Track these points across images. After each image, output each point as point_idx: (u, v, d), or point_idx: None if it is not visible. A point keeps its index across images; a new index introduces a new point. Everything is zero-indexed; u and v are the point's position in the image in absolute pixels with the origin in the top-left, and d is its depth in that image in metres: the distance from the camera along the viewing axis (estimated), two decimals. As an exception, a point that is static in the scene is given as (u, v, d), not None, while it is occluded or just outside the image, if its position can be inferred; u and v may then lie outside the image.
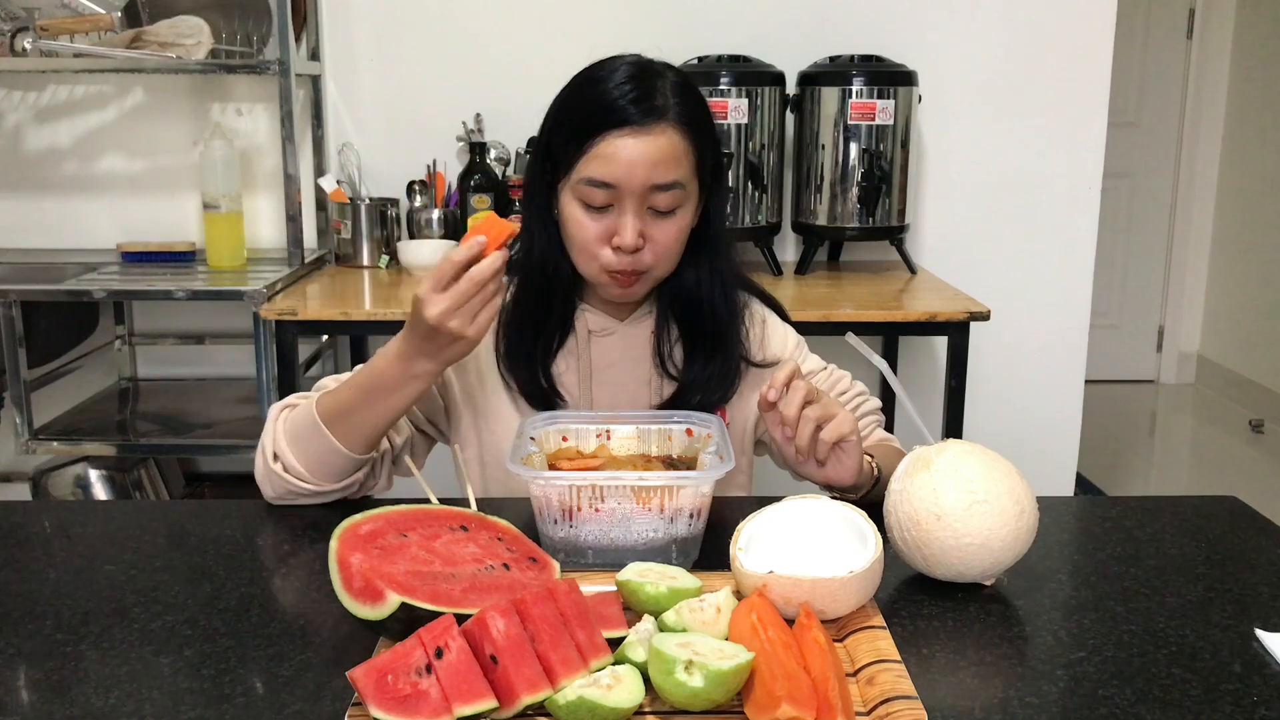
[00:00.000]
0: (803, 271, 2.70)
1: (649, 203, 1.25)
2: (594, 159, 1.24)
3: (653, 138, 1.23)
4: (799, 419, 1.15)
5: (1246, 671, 0.91)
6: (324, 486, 1.24)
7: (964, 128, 2.84)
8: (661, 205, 1.25)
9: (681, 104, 1.26)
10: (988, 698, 0.87)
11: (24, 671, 0.91)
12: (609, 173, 1.23)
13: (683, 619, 0.89)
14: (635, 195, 1.24)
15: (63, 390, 2.73)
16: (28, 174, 2.87)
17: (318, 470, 1.23)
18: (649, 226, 1.26)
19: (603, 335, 1.38)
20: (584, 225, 1.27)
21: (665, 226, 1.27)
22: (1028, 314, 2.90)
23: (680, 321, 1.37)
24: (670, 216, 1.27)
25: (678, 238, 1.29)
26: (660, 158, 1.23)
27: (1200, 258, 4.89)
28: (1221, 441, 4.38)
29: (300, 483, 1.23)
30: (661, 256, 1.28)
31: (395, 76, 2.82)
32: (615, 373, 1.38)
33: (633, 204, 1.24)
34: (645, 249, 1.27)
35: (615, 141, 1.23)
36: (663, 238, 1.27)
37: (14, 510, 1.30)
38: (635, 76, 1.25)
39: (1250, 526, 1.23)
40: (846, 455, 1.19)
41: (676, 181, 1.25)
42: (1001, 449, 1.08)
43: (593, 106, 1.25)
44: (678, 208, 1.27)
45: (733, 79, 2.53)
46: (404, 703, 0.79)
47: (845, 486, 1.21)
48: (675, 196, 1.26)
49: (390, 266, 2.72)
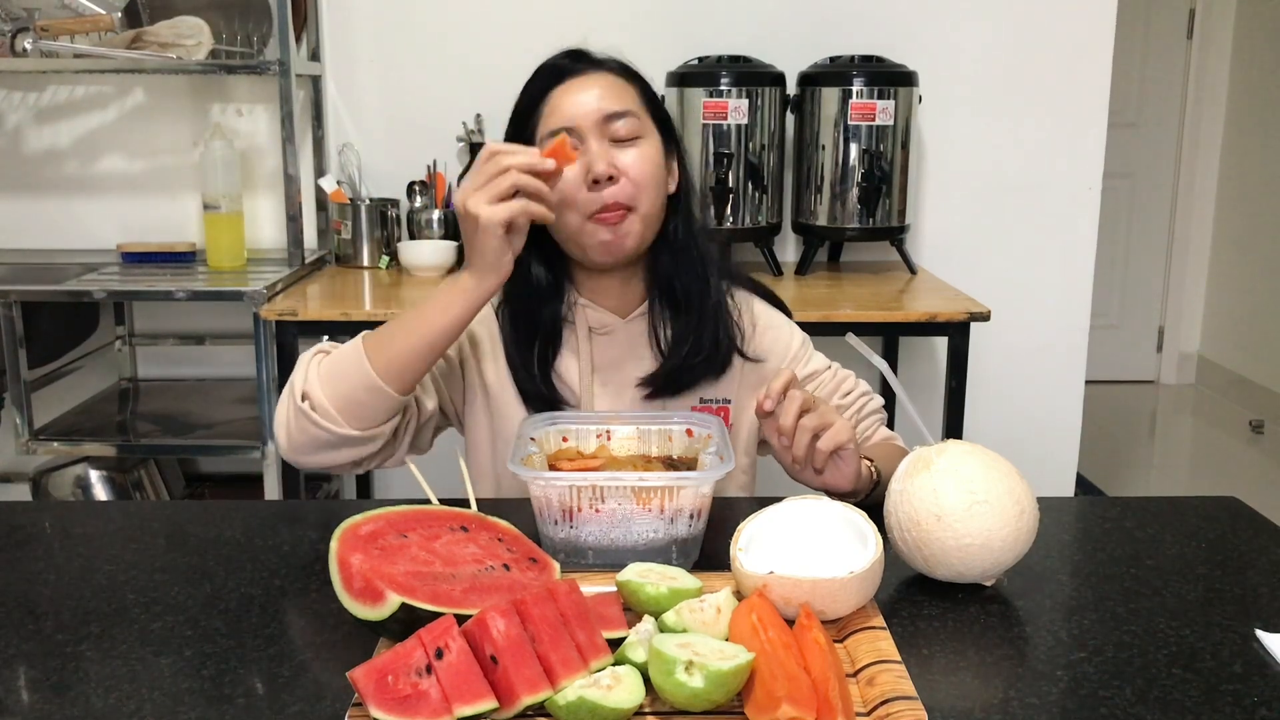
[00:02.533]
0: (803, 272, 2.70)
1: (609, 133, 1.30)
2: (548, 116, 1.32)
3: (593, 77, 1.32)
4: (795, 429, 1.15)
5: (1247, 672, 0.91)
6: (349, 431, 1.20)
7: (964, 128, 2.84)
8: (622, 133, 1.30)
9: (617, 65, 1.35)
10: (988, 698, 0.87)
11: (24, 671, 0.91)
12: (562, 117, 1.30)
13: (683, 619, 0.89)
14: (593, 128, 1.29)
15: (63, 390, 2.73)
16: (28, 174, 2.87)
17: (347, 410, 1.20)
18: (615, 156, 1.29)
19: (602, 333, 1.38)
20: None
21: (631, 154, 1.30)
22: (1028, 314, 2.90)
23: (668, 299, 1.38)
24: (632, 145, 1.31)
25: (648, 165, 1.31)
26: (604, 92, 1.31)
27: (1200, 258, 4.89)
28: (1221, 442, 4.38)
29: (327, 424, 1.19)
30: (638, 185, 1.30)
31: (395, 77, 2.82)
32: (616, 370, 1.38)
33: (593, 136, 1.29)
34: (622, 180, 1.29)
35: (559, 91, 1.32)
36: (632, 164, 1.30)
37: (14, 510, 1.30)
38: (571, 51, 1.37)
39: (1250, 527, 1.23)
40: (844, 463, 1.19)
41: (628, 110, 1.31)
42: (1001, 449, 1.08)
43: (537, 79, 1.35)
44: (638, 137, 1.31)
45: (733, 79, 2.53)
46: (404, 703, 0.79)
47: (843, 493, 1.22)
48: (631, 124, 1.30)
49: (391, 267, 2.72)
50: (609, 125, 1.29)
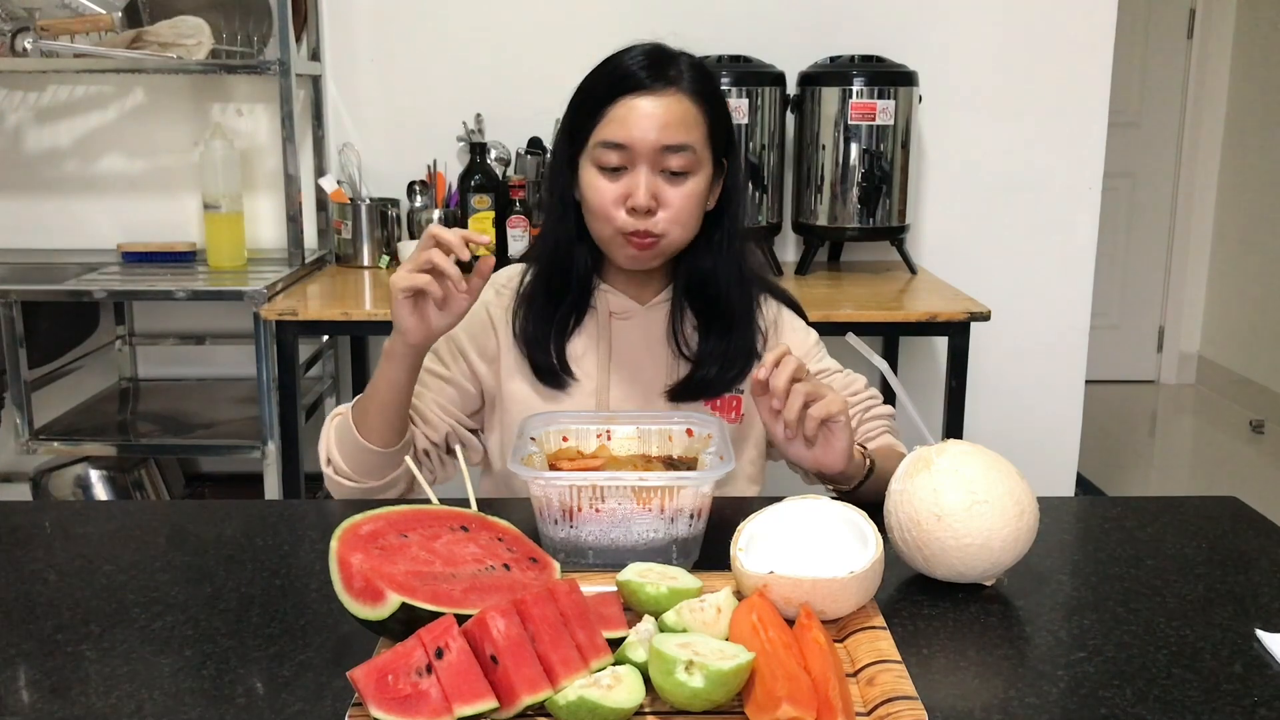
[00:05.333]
0: (803, 272, 2.70)
1: (661, 164, 1.29)
2: (609, 123, 1.29)
3: (664, 100, 1.28)
4: (788, 391, 1.16)
5: (1247, 672, 0.91)
6: (368, 484, 1.31)
7: (964, 128, 2.84)
8: (674, 166, 1.29)
9: (695, 78, 1.31)
10: (988, 698, 0.87)
11: (24, 671, 0.91)
12: (622, 133, 1.28)
13: (683, 619, 0.89)
14: (647, 155, 1.28)
15: (63, 390, 2.73)
16: (28, 174, 2.88)
17: (357, 468, 1.31)
18: (662, 189, 1.30)
19: (623, 318, 1.40)
20: (599, 189, 1.30)
21: (678, 190, 1.30)
22: (1028, 314, 2.90)
23: (695, 305, 1.40)
24: (683, 180, 1.30)
25: (690, 203, 1.31)
26: (671, 119, 1.28)
27: (1200, 258, 4.89)
28: (1221, 442, 4.38)
29: (349, 482, 1.31)
30: (675, 221, 1.31)
31: (395, 76, 2.82)
32: (634, 355, 1.40)
33: (645, 164, 1.29)
34: (659, 213, 1.30)
35: (628, 103, 1.28)
36: (676, 200, 1.30)
37: (14, 510, 1.30)
38: (651, 53, 1.32)
39: (1250, 527, 1.23)
40: (835, 437, 1.19)
41: (687, 144, 1.29)
42: (1002, 449, 1.08)
43: (609, 77, 1.31)
44: (690, 173, 1.30)
45: (733, 79, 2.53)
46: (404, 703, 0.79)
47: (835, 473, 1.22)
48: (687, 159, 1.29)
49: (391, 267, 2.72)
50: (663, 157, 1.29)
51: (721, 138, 1.34)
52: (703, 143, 1.31)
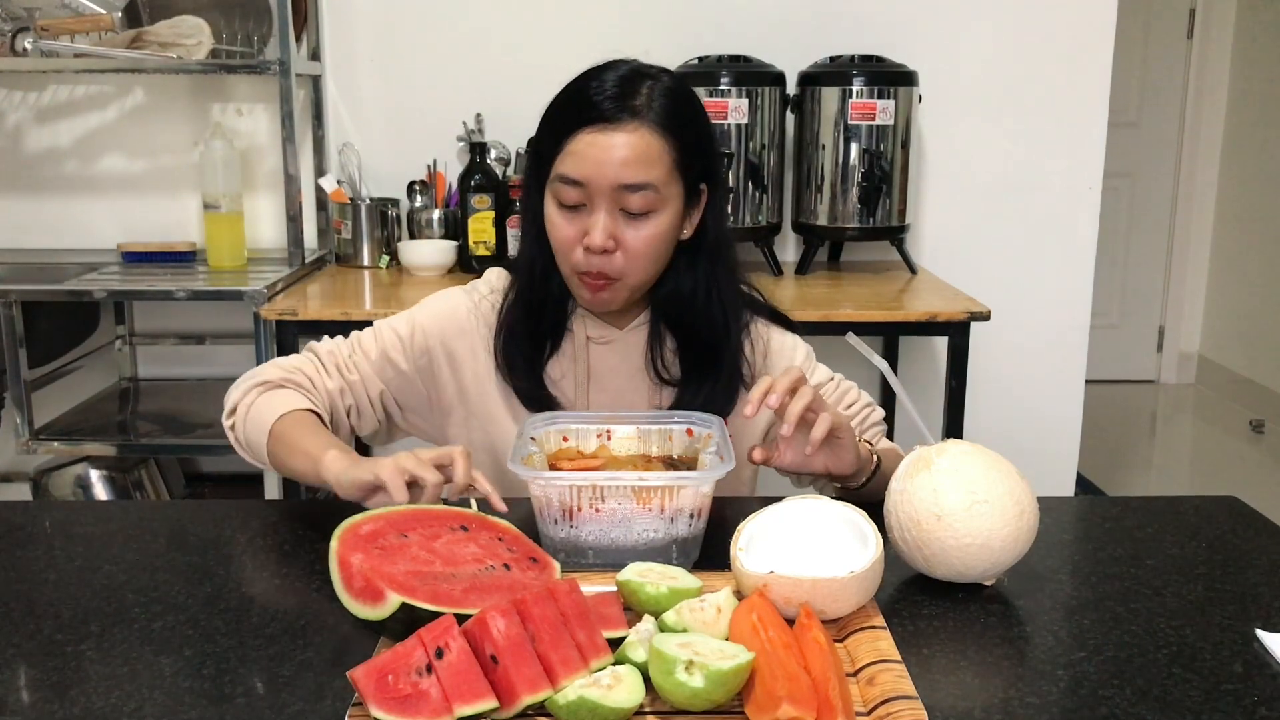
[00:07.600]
0: (803, 272, 2.70)
1: (620, 203, 1.23)
2: (568, 156, 1.23)
3: (624, 135, 1.21)
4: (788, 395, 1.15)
5: (1247, 671, 0.91)
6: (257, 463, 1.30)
7: (964, 128, 2.84)
8: (633, 207, 1.23)
9: (665, 106, 1.23)
10: (988, 698, 0.87)
11: (24, 671, 0.91)
12: (578, 169, 1.22)
13: (683, 619, 0.89)
14: (605, 194, 1.22)
15: (63, 390, 2.73)
16: (28, 174, 2.87)
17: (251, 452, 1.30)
18: (621, 230, 1.24)
19: (600, 342, 1.36)
20: (558, 225, 1.26)
21: (638, 230, 1.24)
22: (1028, 314, 2.90)
23: (675, 331, 1.35)
24: (643, 220, 1.24)
25: (651, 244, 1.25)
26: (630, 156, 1.21)
27: (1200, 258, 4.89)
28: (1221, 441, 4.38)
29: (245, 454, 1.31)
30: (633, 262, 1.25)
31: (395, 76, 2.82)
32: (613, 380, 1.36)
33: (603, 203, 1.23)
34: (617, 254, 1.24)
35: (587, 137, 1.21)
36: (634, 242, 1.24)
37: (14, 510, 1.30)
38: (622, 78, 1.24)
39: (1250, 526, 1.23)
40: (843, 448, 1.20)
41: (648, 183, 1.22)
42: (1001, 449, 1.08)
43: (572, 104, 1.25)
44: (651, 212, 1.24)
45: (733, 79, 2.53)
46: (404, 703, 0.79)
47: (848, 473, 1.22)
48: (647, 199, 1.22)
49: (391, 267, 2.72)
50: (622, 195, 1.22)
51: (696, 165, 1.27)
52: (668, 178, 1.23)
